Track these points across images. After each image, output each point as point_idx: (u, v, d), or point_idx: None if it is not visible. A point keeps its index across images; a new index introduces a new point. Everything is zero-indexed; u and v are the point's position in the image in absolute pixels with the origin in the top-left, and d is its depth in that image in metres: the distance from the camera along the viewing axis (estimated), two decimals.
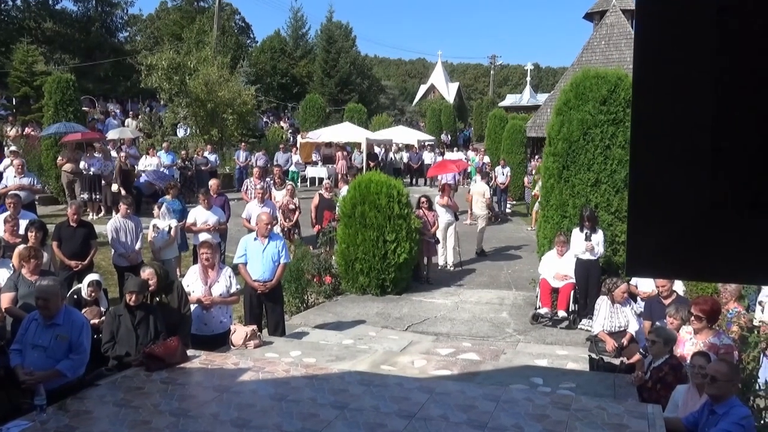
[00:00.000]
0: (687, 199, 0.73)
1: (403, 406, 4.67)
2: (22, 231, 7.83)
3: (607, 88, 9.14)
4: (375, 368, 6.10)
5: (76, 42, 34.26)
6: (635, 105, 0.73)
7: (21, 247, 6.70)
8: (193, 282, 6.75)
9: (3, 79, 24.54)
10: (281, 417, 4.45)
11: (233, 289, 6.83)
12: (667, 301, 6.60)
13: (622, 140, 9.00)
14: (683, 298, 6.93)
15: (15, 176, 11.92)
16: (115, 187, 14.07)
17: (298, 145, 24.89)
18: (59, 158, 14.61)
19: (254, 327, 6.88)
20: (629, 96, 9.06)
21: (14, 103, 24.17)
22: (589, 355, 6.97)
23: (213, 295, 6.68)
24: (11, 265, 6.55)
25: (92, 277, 6.65)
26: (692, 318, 5.34)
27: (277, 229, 9.44)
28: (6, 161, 12.71)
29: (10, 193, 9.67)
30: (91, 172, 14.26)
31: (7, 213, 8.47)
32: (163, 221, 9.26)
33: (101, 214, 14.21)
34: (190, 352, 5.76)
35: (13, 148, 15.00)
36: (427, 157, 26.32)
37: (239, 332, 6.67)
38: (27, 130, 18.73)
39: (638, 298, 8.00)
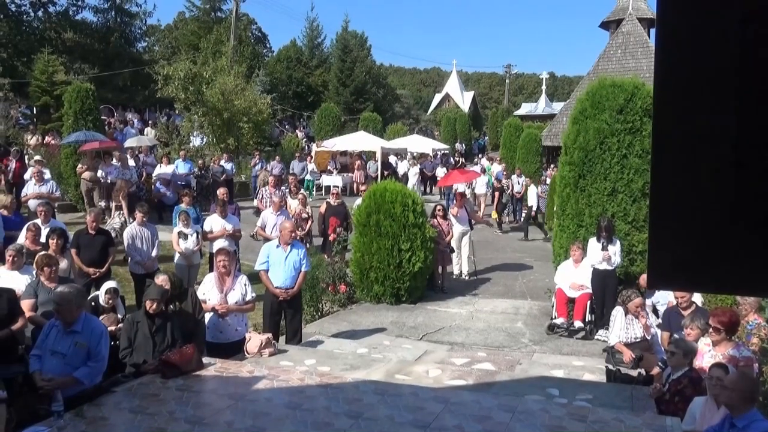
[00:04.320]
0: (708, 213, 0.73)
1: (417, 416, 4.65)
2: (43, 239, 7.95)
3: (623, 96, 9.08)
4: (389, 377, 6.08)
5: (96, 52, 34.78)
6: (656, 117, 0.72)
7: (39, 254, 6.79)
8: (209, 290, 6.79)
9: (24, 88, 24.96)
10: (296, 426, 4.45)
11: (249, 297, 6.86)
12: (686, 312, 6.52)
13: (639, 149, 8.93)
14: (702, 309, 6.84)
15: (35, 185, 12.13)
16: (103, 203, 14.14)
17: (313, 153, 25.02)
18: (79, 166, 14.81)
19: (269, 335, 6.90)
20: (646, 105, 9.03)
21: (35, 112, 24.56)
22: (606, 367, 6.88)
23: (229, 302, 6.71)
24: (33, 272, 6.64)
25: (110, 284, 6.72)
26: (711, 330, 5.27)
27: None
28: (30, 170, 12.92)
29: (41, 201, 9.83)
30: (108, 180, 14.43)
31: (38, 220, 8.61)
32: (189, 228, 9.38)
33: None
34: (205, 360, 5.79)
35: (37, 157, 15.22)
36: (440, 172, 25.68)
37: (254, 340, 6.69)
38: (47, 138, 19.02)
39: (654, 308, 7.91)
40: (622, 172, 8.96)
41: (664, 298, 8.02)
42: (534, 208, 17.69)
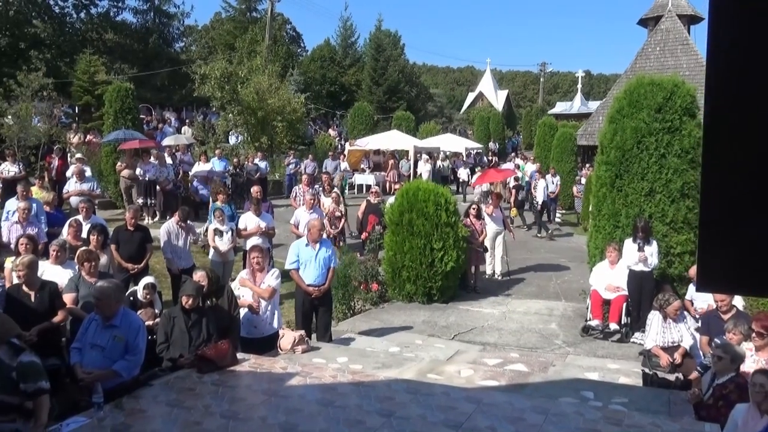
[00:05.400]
0: (758, 217, 0.71)
1: (449, 416, 4.63)
2: (84, 235, 8.16)
3: (662, 95, 8.89)
4: (421, 376, 6.08)
5: (135, 52, 35.55)
6: (707, 122, 0.71)
7: (79, 250, 6.97)
8: (242, 286, 6.90)
9: (67, 88, 25.61)
10: (328, 423, 4.48)
11: (274, 285, 6.96)
12: (726, 316, 6.35)
13: (678, 149, 8.73)
14: (743, 313, 6.66)
15: (76, 182, 12.47)
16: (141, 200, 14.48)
17: (346, 152, 25.12)
18: (118, 164, 15.16)
19: (302, 332, 6.97)
20: (686, 104, 8.83)
21: (77, 111, 25.20)
22: (643, 370, 6.76)
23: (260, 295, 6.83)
24: (76, 266, 6.82)
25: (147, 279, 6.87)
26: (754, 334, 5.12)
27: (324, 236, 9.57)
28: (72, 168, 13.29)
29: (82, 198, 10.10)
30: (146, 178, 14.74)
31: (79, 216, 8.86)
32: (224, 225, 9.53)
33: (156, 219, 14.65)
34: (239, 356, 5.87)
35: (78, 155, 15.65)
36: (463, 174, 25.29)
37: (287, 337, 6.76)
38: (88, 137, 19.49)
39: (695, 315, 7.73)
40: (661, 172, 8.78)
41: (702, 296, 7.85)
42: (540, 203, 17.50)
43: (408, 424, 4.49)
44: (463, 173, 25.09)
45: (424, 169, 23.11)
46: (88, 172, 13.31)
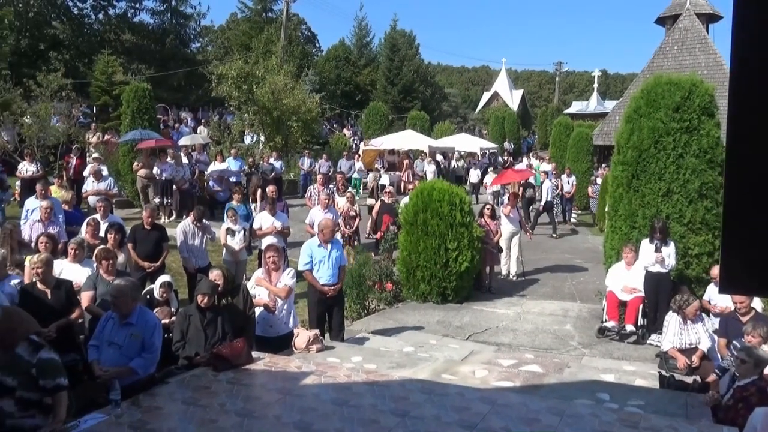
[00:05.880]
0: None
1: (464, 417, 4.62)
2: (102, 233, 8.25)
3: (680, 94, 8.80)
4: (436, 377, 6.07)
5: (152, 53, 35.87)
6: (731, 123, 0.70)
7: (97, 248, 7.05)
8: (258, 285, 6.93)
9: (85, 88, 25.90)
10: (342, 422, 4.49)
11: (290, 284, 6.98)
12: (744, 318, 6.28)
13: (696, 149, 8.64)
14: (762, 315, 6.58)
15: (93, 181, 12.61)
16: (157, 199, 14.62)
17: (360, 152, 25.15)
18: (135, 164, 15.31)
19: (317, 331, 6.98)
20: (704, 103, 8.73)
21: (95, 111, 25.48)
22: (659, 372, 6.70)
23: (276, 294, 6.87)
24: (94, 265, 6.90)
25: (164, 278, 6.92)
26: None
27: (337, 236, 9.59)
28: (90, 167, 13.45)
29: (100, 197, 10.22)
30: (163, 178, 14.86)
31: (96, 215, 8.97)
32: (237, 225, 9.58)
33: (172, 218, 14.77)
34: (254, 354, 5.90)
35: (95, 155, 15.83)
36: (473, 175, 24.99)
37: (302, 336, 6.78)
38: (106, 136, 19.72)
39: (710, 314, 7.65)
40: (678, 173, 8.68)
41: (718, 296, 7.77)
42: (543, 204, 17.44)
43: (422, 424, 4.48)
44: (473, 175, 24.94)
45: (428, 169, 23.05)
46: (105, 171, 13.46)
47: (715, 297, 7.83)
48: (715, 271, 8.03)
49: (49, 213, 8.82)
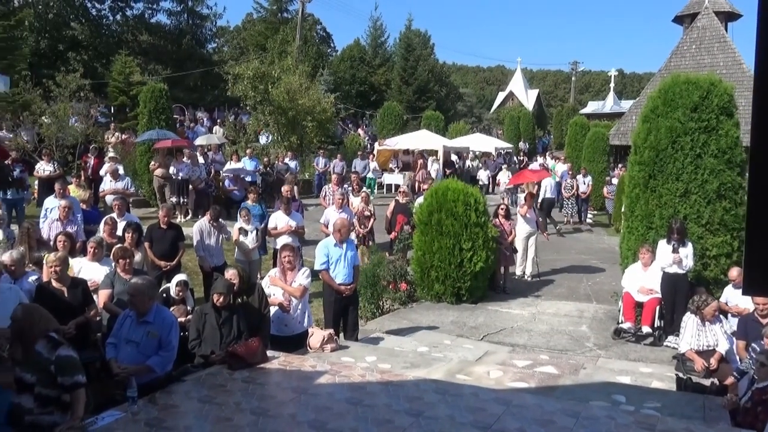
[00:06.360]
0: None
1: (478, 417, 4.61)
2: (119, 232, 8.33)
3: (698, 94, 8.70)
4: (450, 377, 6.06)
5: (169, 53, 36.21)
6: (755, 125, 0.69)
7: (115, 247, 7.13)
8: (273, 284, 6.96)
9: (103, 89, 26.18)
10: (357, 421, 4.50)
11: (305, 283, 7.01)
12: (764, 321, 6.20)
13: (714, 149, 8.54)
14: None
15: (111, 180, 12.75)
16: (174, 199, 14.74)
17: (375, 152, 25.17)
18: (152, 163, 15.45)
19: (331, 331, 7.01)
20: (723, 102, 8.63)
21: (113, 111, 25.75)
22: (676, 374, 6.63)
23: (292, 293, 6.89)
24: (112, 263, 6.97)
25: (180, 277, 6.98)
26: None
27: (352, 236, 9.61)
28: (106, 166, 13.60)
29: (117, 197, 10.33)
30: (179, 177, 14.98)
31: (113, 214, 9.07)
32: (249, 225, 9.63)
33: (188, 217, 14.89)
34: (269, 353, 5.93)
35: (111, 154, 16.00)
36: (483, 176, 24.91)
37: (317, 335, 6.81)
38: (123, 136, 19.91)
39: (728, 315, 7.56)
40: (696, 173, 8.59)
41: (735, 298, 7.68)
42: (540, 202, 17.30)
43: (436, 424, 4.48)
44: (483, 175, 24.75)
45: (432, 168, 22.99)
46: (121, 170, 13.59)
47: (732, 299, 7.74)
48: (734, 272, 7.94)
49: (67, 212, 8.93)
